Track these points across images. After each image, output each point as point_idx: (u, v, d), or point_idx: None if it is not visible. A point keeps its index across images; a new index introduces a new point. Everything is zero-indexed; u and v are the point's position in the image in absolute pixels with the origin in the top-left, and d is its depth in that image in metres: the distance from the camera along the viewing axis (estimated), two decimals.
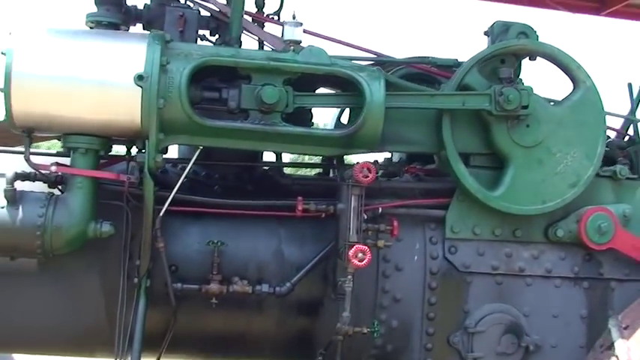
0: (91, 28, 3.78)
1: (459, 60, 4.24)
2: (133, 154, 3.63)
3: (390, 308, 3.87)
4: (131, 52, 3.40)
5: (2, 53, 3.38)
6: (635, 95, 4.47)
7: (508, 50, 3.90)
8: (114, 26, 3.74)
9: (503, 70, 3.82)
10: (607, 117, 3.99)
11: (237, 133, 3.56)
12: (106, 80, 3.37)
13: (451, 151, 3.81)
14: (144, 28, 3.97)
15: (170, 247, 3.70)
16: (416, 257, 3.91)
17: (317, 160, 4.85)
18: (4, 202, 3.43)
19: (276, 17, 4.30)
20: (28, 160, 3.54)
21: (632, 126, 4.45)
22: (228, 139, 3.60)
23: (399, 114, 3.77)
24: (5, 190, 3.44)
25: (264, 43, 4.12)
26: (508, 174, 3.86)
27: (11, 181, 3.44)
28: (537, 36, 3.99)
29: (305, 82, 3.67)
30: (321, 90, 3.95)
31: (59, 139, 3.68)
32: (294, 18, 3.73)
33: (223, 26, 4.04)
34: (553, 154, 3.86)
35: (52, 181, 3.60)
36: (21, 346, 4.07)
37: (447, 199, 3.96)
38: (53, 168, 3.51)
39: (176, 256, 3.76)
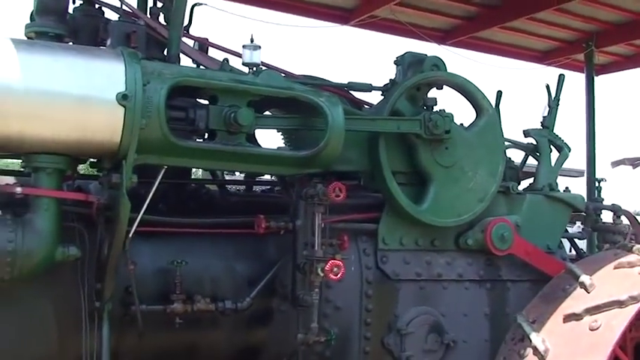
0: (29, 38, 3.60)
1: (373, 85, 4.64)
2: (101, 174, 3.51)
3: (332, 316, 4.13)
4: (109, 70, 3.31)
5: None
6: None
7: (430, 80, 4.38)
8: (59, 38, 3.59)
9: (429, 99, 4.30)
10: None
11: (207, 154, 3.61)
12: (86, 98, 3.25)
13: (386, 170, 4.19)
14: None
15: (122, 269, 3.63)
16: (353, 268, 4.21)
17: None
18: None
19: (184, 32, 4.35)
20: None
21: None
22: (197, 160, 3.63)
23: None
24: None
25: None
26: (431, 190, 4.33)
27: None
28: (446, 67, 4.52)
29: (258, 103, 3.82)
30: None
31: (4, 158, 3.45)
32: (252, 41, 3.87)
33: (155, 43, 4.04)
34: (465, 172, 4.40)
35: (14, 203, 3.36)
36: None
37: (376, 213, 4.33)
38: (19, 189, 3.29)
39: (130, 277, 3.68)
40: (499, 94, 4.84)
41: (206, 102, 3.71)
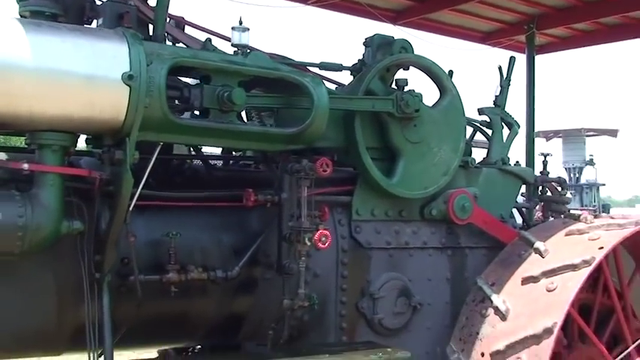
0: (23, 17, 3.66)
1: (343, 65, 4.89)
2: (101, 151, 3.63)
3: (311, 283, 4.39)
4: (114, 51, 3.44)
5: None
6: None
7: (400, 62, 4.66)
8: (54, 17, 3.67)
9: (401, 79, 4.58)
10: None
11: (201, 131, 3.79)
12: (93, 78, 3.37)
13: (361, 146, 4.47)
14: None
15: (121, 241, 3.78)
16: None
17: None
18: None
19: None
20: None
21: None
22: (192, 136, 3.80)
23: None
24: None
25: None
26: (400, 165, 4.64)
27: None
28: (413, 50, 4.81)
29: (245, 83, 4.01)
30: None
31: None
32: (240, 23, 4.04)
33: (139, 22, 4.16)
34: (431, 148, 4.72)
35: (16, 179, 3.46)
36: None
37: (349, 186, 4.61)
38: (25, 166, 3.39)
39: (126, 248, 3.84)
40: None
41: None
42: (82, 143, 4.11)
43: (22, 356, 4.03)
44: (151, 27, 4.20)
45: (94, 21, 4.12)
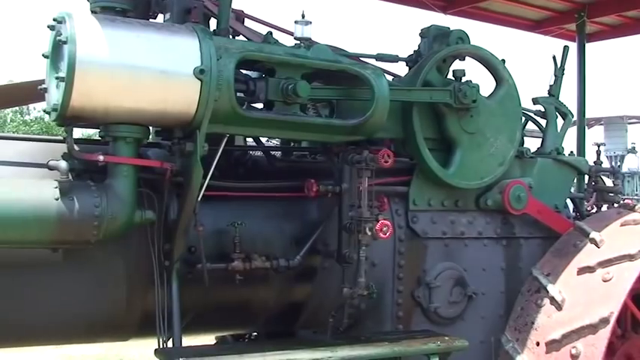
0: (94, 12, 3.76)
1: (399, 56, 4.94)
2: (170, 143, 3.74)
3: (369, 272, 4.46)
4: (186, 46, 3.54)
5: (62, 42, 3.30)
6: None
7: (457, 52, 4.69)
8: (124, 12, 3.77)
9: (458, 70, 4.62)
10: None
11: (267, 123, 3.88)
12: (166, 72, 3.47)
13: (419, 137, 4.52)
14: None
15: (189, 230, 3.89)
16: None
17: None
18: (58, 194, 3.37)
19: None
20: (72, 150, 3.50)
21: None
22: (258, 128, 3.90)
23: None
24: (60, 182, 3.38)
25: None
26: (457, 155, 4.68)
27: (66, 172, 3.39)
28: (469, 40, 4.83)
29: (307, 76, 4.08)
30: None
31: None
32: (303, 17, 4.11)
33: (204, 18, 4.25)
34: (487, 138, 4.75)
35: (90, 170, 3.59)
36: (44, 337, 3.93)
37: (406, 177, 4.67)
38: (101, 157, 3.52)
39: (193, 237, 3.95)
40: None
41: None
42: None
43: (91, 342, 4.18)
44: (213, 21, 4.31)
45: (159, 15, 4.24)
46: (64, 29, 3.34)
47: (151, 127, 3.81)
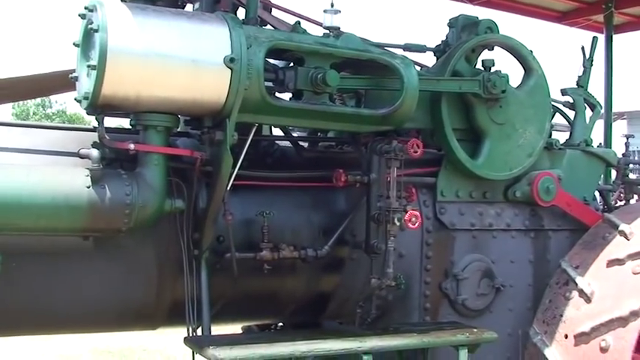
0: (124, 1, 3.77)
1: (427, 46, 4.91)
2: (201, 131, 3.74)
3: (396, 263, 4.44)
4: (216, 35, 3.53)
5: (93, 30, 3.30)
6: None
7: (486, 42, 4.65)
8: (153, 1, 3.77)
9: (487, 60, 4.57)
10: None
11: (296, 113, 3.87)
12: (196, 61, 3.47)
13: (447, 127, 4.49)
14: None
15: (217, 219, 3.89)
16: None
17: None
18: (89, 182, 3.39)
19: None
20: (104, 138, 3.51)
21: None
22: (287, 118, 3.89)
23: None
24: (92, 170, 3.40)
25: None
26: (486, 146, 4.64)
27: (97, 161, 3.41)
28: (498, 30, 4.79)
29: (335, 65, 4.05)
30: None
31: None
32: (332, 6, 4.09)
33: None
34: (516, 129, 4.70)
35: (121, 158, 3.60)
36: (73, 325, 3.95)
37: (433, 168, 4.64)
38: (132, 146, 3.52)
39: (221, 227, 3.95)
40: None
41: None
42: None
43: (120, 330, 4.20)
44: (240, 10, 4.30)
45: (188, 5, 4.24)
46: (95, 17, 3.34)
47: (180, 117, 3.79)
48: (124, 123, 4.30)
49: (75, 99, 3.55)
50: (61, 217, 3.36)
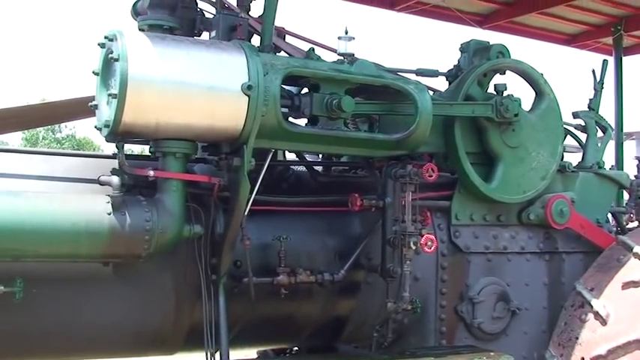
0: (141, 31, 3.83)
1: (439, 70, 4.96)
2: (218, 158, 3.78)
3: (412, 286, 4.45)
4: (234, 62, 3.59)
5: (114, 59, 3.36)
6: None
7: (498, 67, 4.70)
8: (171, 30, 3.83)
9: (500, 84, 4.62)
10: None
11: (311, 138, 3.91)
12: (215, 88, 3.52)
13: (461, 151, 4.52)
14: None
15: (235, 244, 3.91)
16: None
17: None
18: (110, 209, 3.43)
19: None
20: (124, 165, 3.56)
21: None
22: (303, 143, 3.93)
23: None
24: (112, 197, 3.44)
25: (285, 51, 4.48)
26: (499, 170, 4.66)
27: (118, 187, 3.45)
28: (510, 55, 4.83)
29: (350, 91, 4.10)
30: None
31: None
32: (346, 33, 4.15)
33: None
34: (530, 153, 4.73)
35: (140, 185, 3.64)
36: (92, 350, 3.97)
37: (447, 191, 4.66)
38: (151, 173, 3.57)
39: (238, 251, 3.97)
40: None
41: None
42: None
43: (138, 355, 4.21)
44: (255, 37, 4.37)
45: (204, 33, 4.30)
46: (115, 47, 3.40)
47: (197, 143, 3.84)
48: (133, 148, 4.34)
49: (95, 127, 3.60)
50: (82, 244, 3.40)
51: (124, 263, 3.67)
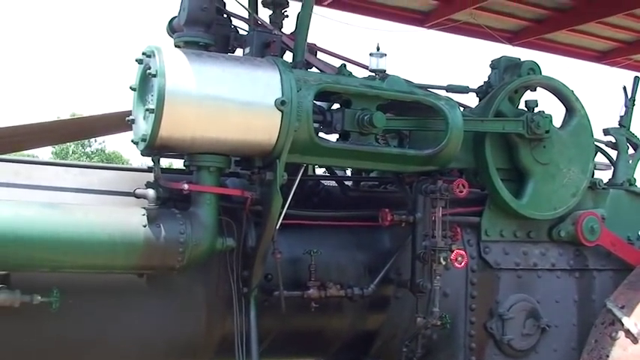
0: (177, 47, 3.91)
1: (469, 87, 4.98)
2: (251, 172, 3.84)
3: (441, 302, 4.45)
4: (268, 78, 3.65)
5: (151, 75, 3.44)
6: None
7: (529, 83, 4.71)
8: (206, 47, 3.90)
9: (531, 100, 4.63)
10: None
11: (343, 153, 3.95)
12: (249, 104, 3.58)
13: (491, 167, 4.52)
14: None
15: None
16: None
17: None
18: (145, 221, 3.49)
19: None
20: (159, 179, 3.63)
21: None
22: (334, 158, 3.97)
23: None
24: (147, 209, 3.50)
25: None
26: (530, 186, 4.66)
27: (154, 200, 3.52)
28: (541, 71, 4.84)
29: (382, 107, 4.14)
30: None
31: None
32: (378, 49, 4.20)
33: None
34: (560, 169, 4.72)
35: (174, 198, 3.71)
36: None
37: (477, 207, 4.67)
38: (186, 186, 3.63)
39: (269, 265, 4.02)
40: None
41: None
42: None
43: None
44: (287, 53, 4.43)
45: (238, 49, 4.38)
46: (153, 63, 3.48)
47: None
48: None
49: (132, 141, 3.68)
50: (118, 255, 3.46)
51: (158, 275, 3.73)
